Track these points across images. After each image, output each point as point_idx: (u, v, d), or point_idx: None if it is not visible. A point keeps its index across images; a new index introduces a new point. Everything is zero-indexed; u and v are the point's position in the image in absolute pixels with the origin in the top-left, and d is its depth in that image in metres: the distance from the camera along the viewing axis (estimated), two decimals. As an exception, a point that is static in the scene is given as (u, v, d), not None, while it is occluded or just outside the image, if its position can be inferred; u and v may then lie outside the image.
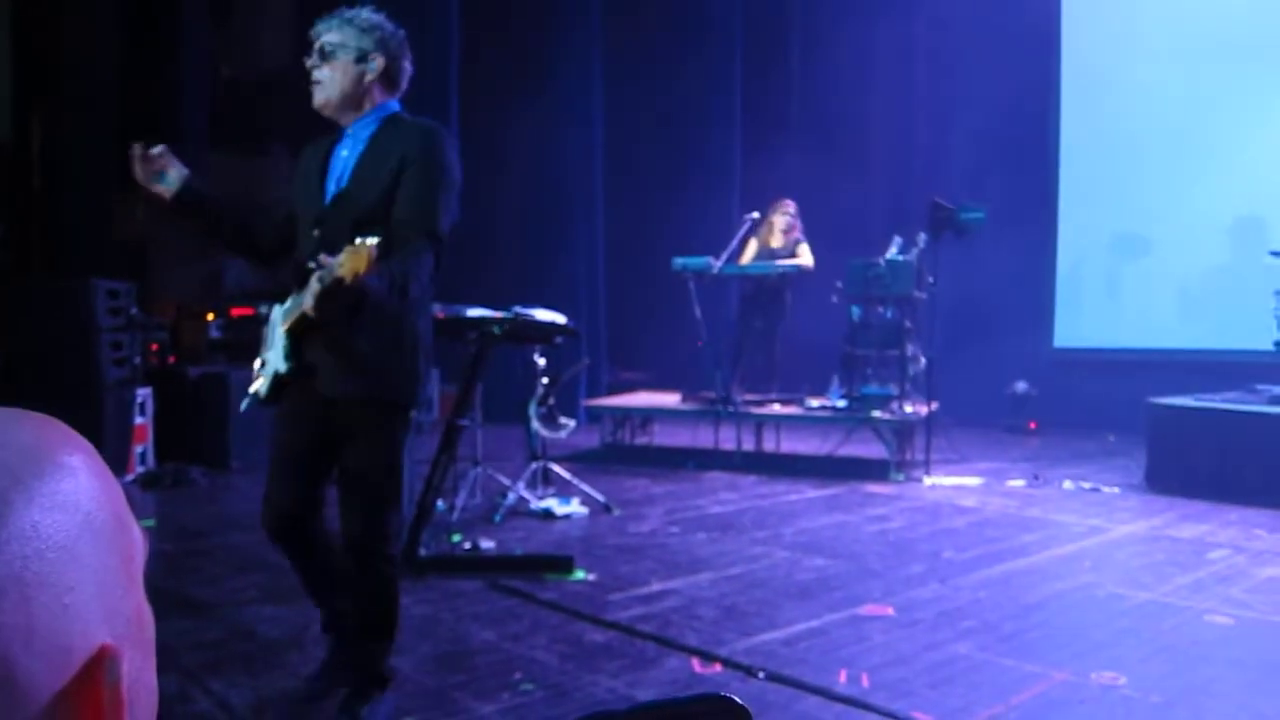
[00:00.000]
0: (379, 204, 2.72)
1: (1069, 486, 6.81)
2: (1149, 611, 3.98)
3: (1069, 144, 10.50)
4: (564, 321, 5.19)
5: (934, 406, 7.53)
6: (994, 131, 10.07)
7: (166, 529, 5.35)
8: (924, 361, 7.71)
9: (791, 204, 8.31)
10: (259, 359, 2.94)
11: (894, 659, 3.40)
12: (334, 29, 2.78)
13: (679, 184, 10.75)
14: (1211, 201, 9.45)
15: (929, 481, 6.98)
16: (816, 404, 7.82)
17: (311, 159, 2.92)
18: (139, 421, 6.77)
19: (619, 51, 10.61)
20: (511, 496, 5.85)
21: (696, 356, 7.99)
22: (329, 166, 2.86)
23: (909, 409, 7.46)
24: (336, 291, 2.48)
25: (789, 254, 8.13)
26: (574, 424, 6.54)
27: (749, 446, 7.86)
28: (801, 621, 3.82)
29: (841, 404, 7.70)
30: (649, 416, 8.65)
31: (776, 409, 7.89)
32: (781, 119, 11.35)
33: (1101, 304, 10.24)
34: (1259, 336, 9.14)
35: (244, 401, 2.99)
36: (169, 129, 7.54)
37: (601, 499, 6.01)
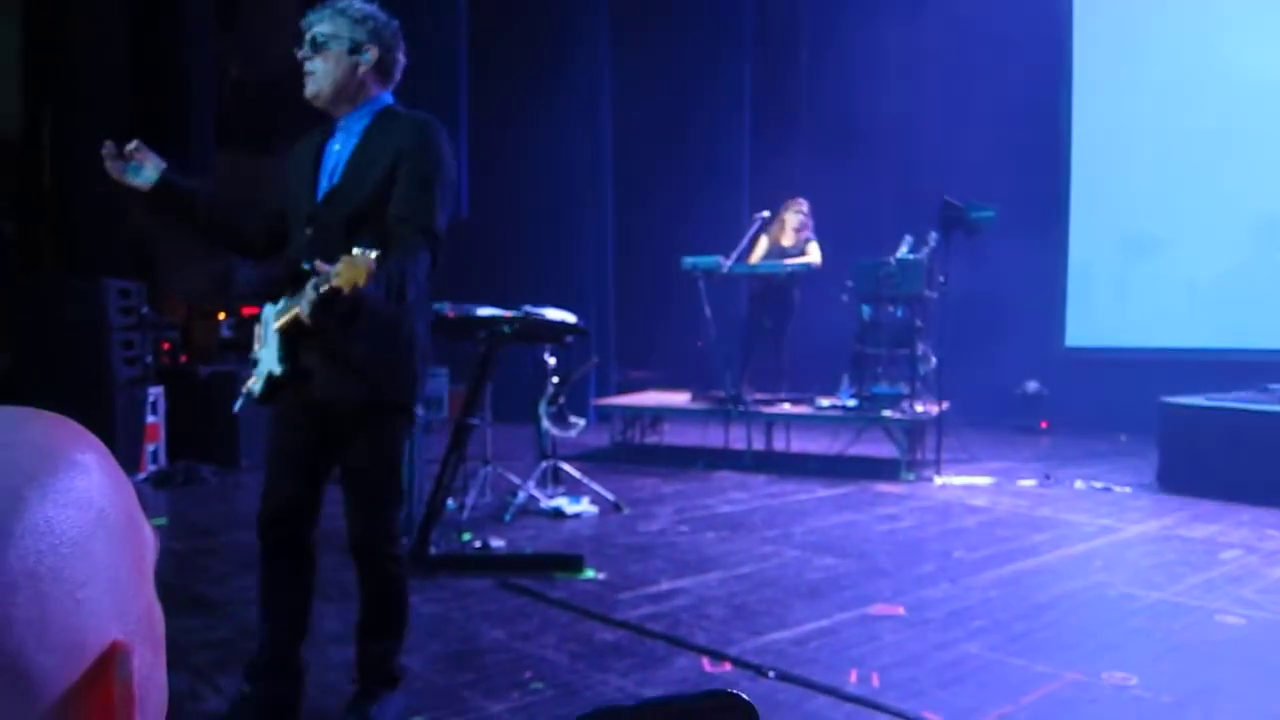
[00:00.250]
0: (373, 200, 2.66)
1: (1080, 486, 6.79)
2: (1160, 611, 3.96)
3: (1081, 142, 10.46)
4: (574, 321, 5.20)
5: (944, 406, 7.51)
6: (1005, 130, 10.03)
7: (177, 527, 5.37)
8: (934, 361, 7.69)
9: (805, 203, 8.31)
10: (252, 356, 2.89)
11: (904, 658, 3.39)
12: (326, 19, 2.71)
13: (688, 183, 10.74)
14: (1224, 200, 9.41)
15: (939, 481, 6.97)
16: (827, 403, 7.80)
17: (303, 153, 2.85)
18: (150, 420, 6.80)
19: (629, 50, 10.61)
20: (521, 495, 5.85)
21: (706, 355, 7.99)
22: (321, 161, 2.79)
23: (919, 408, 7.45)
24: (333, 301, 2.43)
25: (799, 252, 8.13)
26: (584, 423, 6.56)
27: (759, 446, 7.85)
28: (811, 621, 3.82)
29: (852, 403, 7.69)
30: (659, 416, 8.65)
31: (786, 408, 7.88)
32: (791, 118, 11.34)
33: (1113, 303, 10.20)
34: (1272, 335, 9.13)
35: (238, 401, 2.94)
36: (177, 128, 7.57)
37: (611, 498, 6.01)
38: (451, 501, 5.19)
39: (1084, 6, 10.51)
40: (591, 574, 4.48)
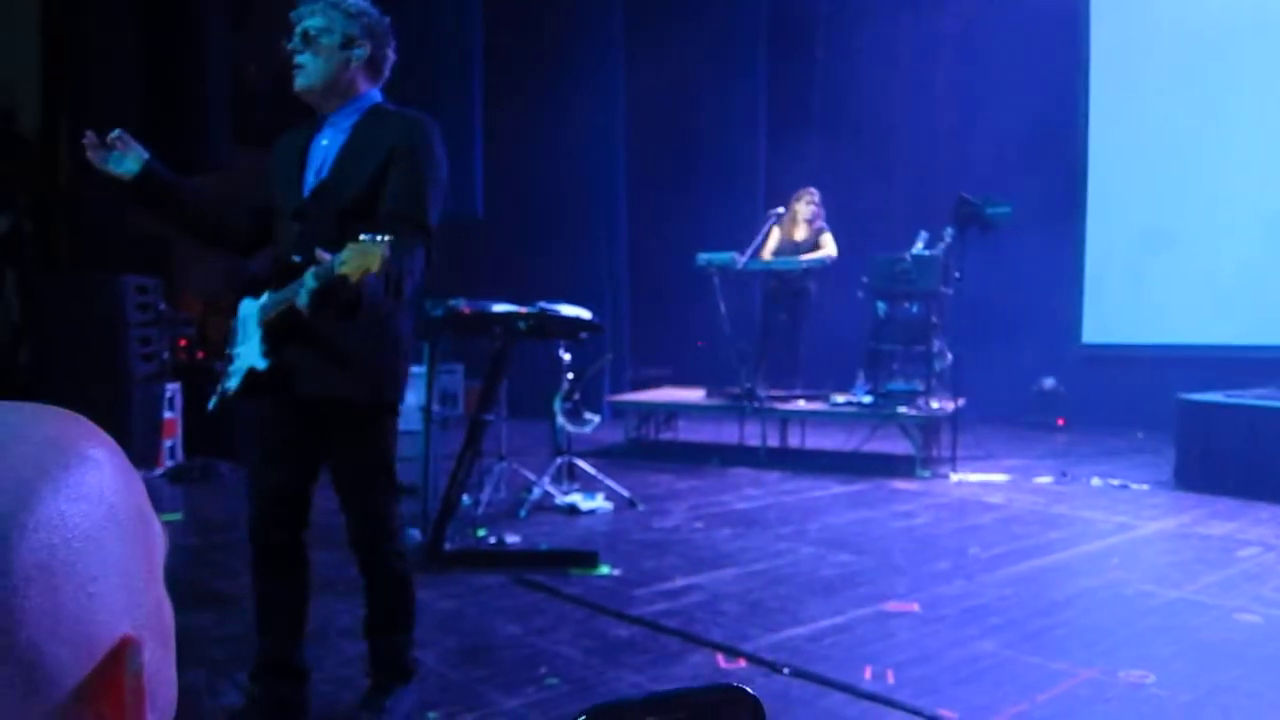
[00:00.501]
0: (363, 196, 2.61)
1: (1097, 483, 6.76)
2: (1178, 609, 3.94)
3: (1097, 137, 10.40)
4: (589, 317, 5.19)
5: (960, 402, 7.49)
6: (1022, 125, 9.99)
7: (193, 522, 5.40)
8: (950, 357, 7.67)
9: (815, 192, 8.25)
10: (228, 354, 2.80)
11: (919, 656, 3.38)
12: (319, 12, 2.66)
13: (703, 179, 10.73)
14: (1242, 195, 9.34)
15: (955, 478, 6.95)
16: (842, 400, 7.79)
17: (289, 148, 2.79)
18: (167, 416, 6.83)
19: (643, 47, 10.60)
20: (536, 491, 5.86)
21: (721, 352, 7.97)
22: (308, 156, 2.73)
23: (935, 405, 7.42)
24: (336, 291, 2.34)
25: (812, 245, 8.10)
26: (598, 419, 6.55)
27: (774, 442, 7.85)
28: (826, 618, 3.81)
29: (867, 400, 7.67)
30: (673, 412, 8.65)
31: (801, 405, 7.87)
32: (806, 114, 11.31)
33: (1130, 299, 10.13)
34: (1290, 332, 9.06)
35: (211, 400, 2.84)
36: (194, 127, 7.59)
37: (626, 494, 6.01)
38: (467, 497, 5.20)
39: (1101, 0, 10.44)
40: (606, 570, 4.48)
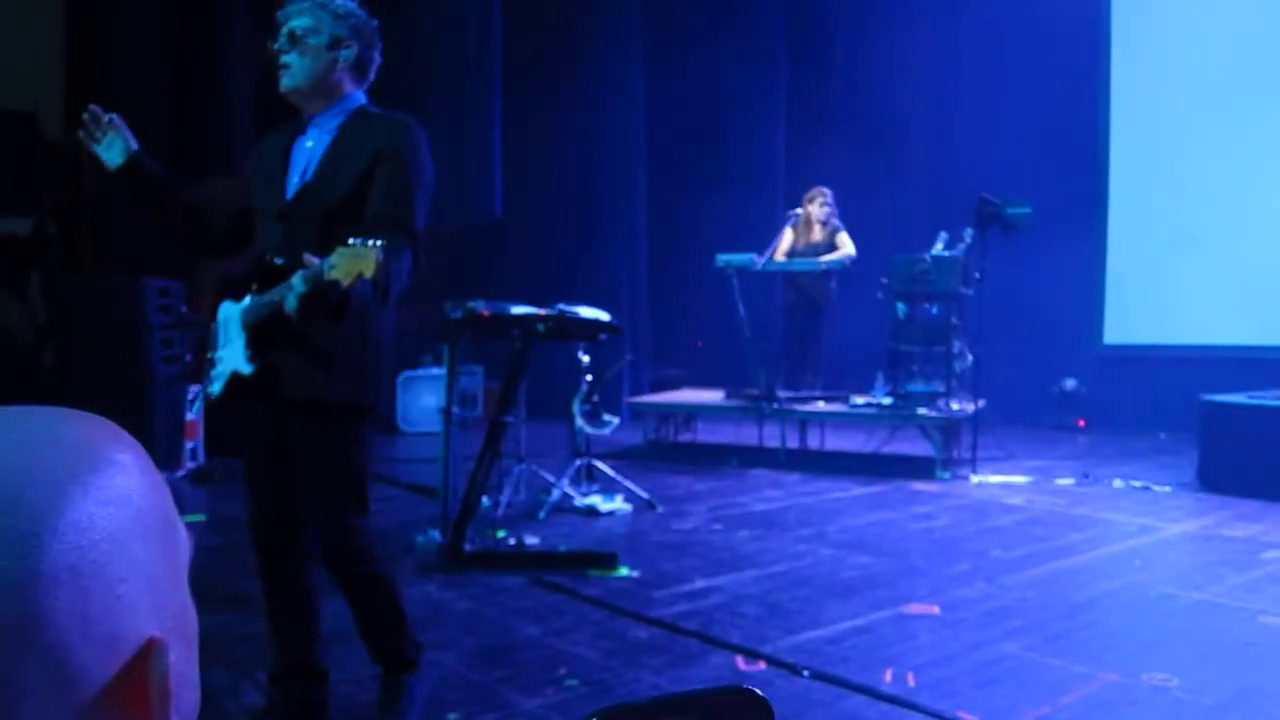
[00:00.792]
0: (348, 198, 2.58)
1: (1119, 485, 6.71)
2: (1201, 612, 3.91)
3: (1119, 136, 10.33)
4: (608, 319, 5.20)
5: (980, 404, 7.45)
6: (1042, 125, 9.93)
7: (215, 523, 5.43)
8: (970, 358, 7.63)
9: (828, 192, 8.23)
10: (209, 357, 2.77)
11: (940, 658, 3.37)
12: (306, 12, 2.63)
13: (722, 180, 10.72)
14: (1264, 194, 9.26)
15: (975, 479, 6.92)
16: (861, 401, 7.76)
17: (272, 149, 2.76)
18: (189, 418, 6.87)
19: (662, 48, 10.61)
20: (555, 493, 5.87)
21: (741, 353, 7.96)
22: (291, 158, 2.70)
23: (955, 406, 7.39)
24: (325, 295, 2.32)
25: (829, 245, 8.09)
26: (617, 421, 6.56)
27: (793, 444, 7.83)
28: (846, 620, 3.80)
29: (887, 401, 7.64)
30: (692, 413, 8.65)
31: (821, 406, 7.85)
32: (826, 115, 11.28)
33: (1152, 299, 10.06)
34: (1315, 332, 8.98)
35: (195, 403, 2.88)
36: (216, 127, 7.65)
37: (645, 496, 6.01)
38: (486, 499, 5.21)
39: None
40: (625, 571, 4.48)
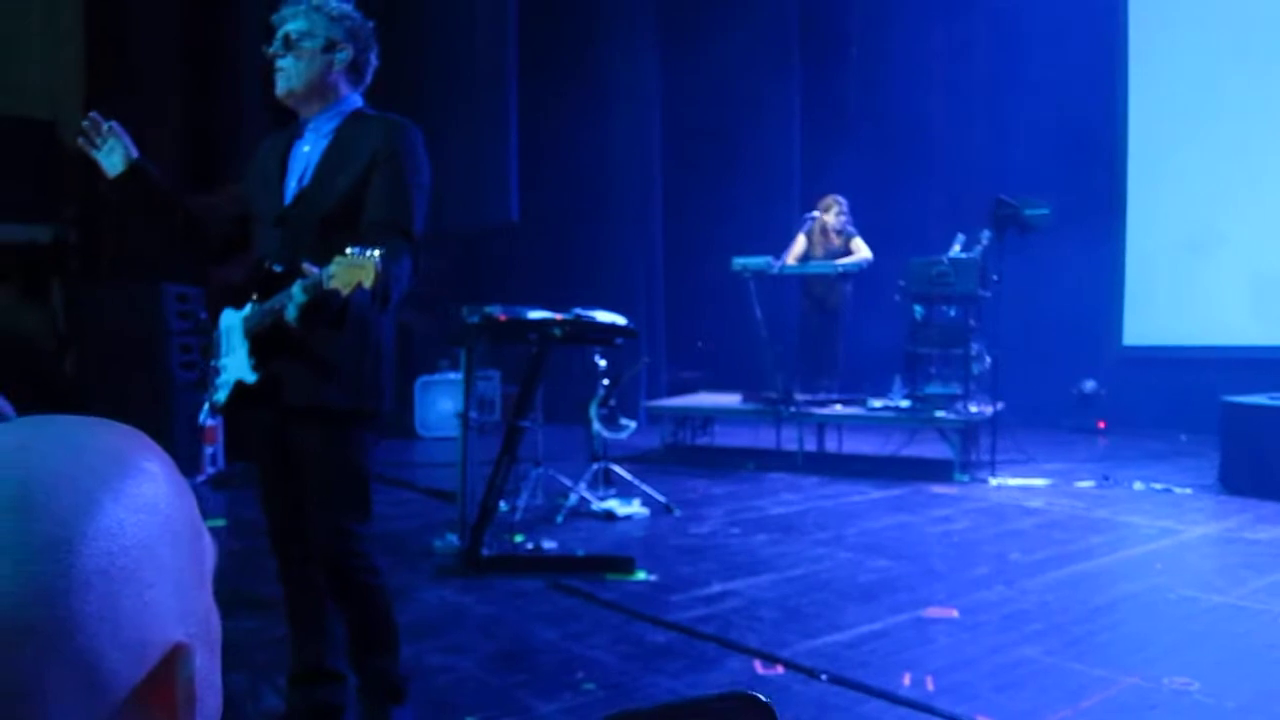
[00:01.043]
0: (346, 203, 2.55)
1: (1139, 487, 6.67)
2: (1223, 615, 3.88)
3: (1137, 135, 10.27)
4: (624, 323, 5.20)
5: (999, 406, 7.42)
6: (1060, 125, 9.90)
7: (236, 528, 5.46)
8: (989, 360, 7.60)
9: (843, 200, 8.22)
10: (212, 366, 2.77)
11: (959, 662, 3.35)
12: (301, 15, 2.61)
13: (738, 183, 10.71)
14: (1287, 194, 9.20)
15: (994, 482, 6.89)
16: (879, 404, 7.74)
17: (269, 154, 2.74)
18: (209, 423, 6.91)
19: (677, 50, 10.61)
20: (573, 497, 5.88)
21: (758, 356, 7.95)
22: (289, 163, 2.69)
23: (973, 409, 7.36)
24: (325, 304, 2.31)
25: (843, 251, 8.09)
26: (634, 425, 6.56)
27: (810, 447, 7.82)
28: (864, 623, 3.79)
29: (904, 404, 7.62)
30: (709, 417, 8.64)
31: (838, 409, 7.83)
32: (841, 117, 11.26)
33: (1172, 300, 9.99)
34: (1337, 333, 8.90)
35: (201, 412, 2.82)
36: (235, 135, 7.70)
37: (662, 499, 6.01)
38: (504, 503, 5.22)
39: (1140, -2, 10.33)
40: (643, 575, 4.49)
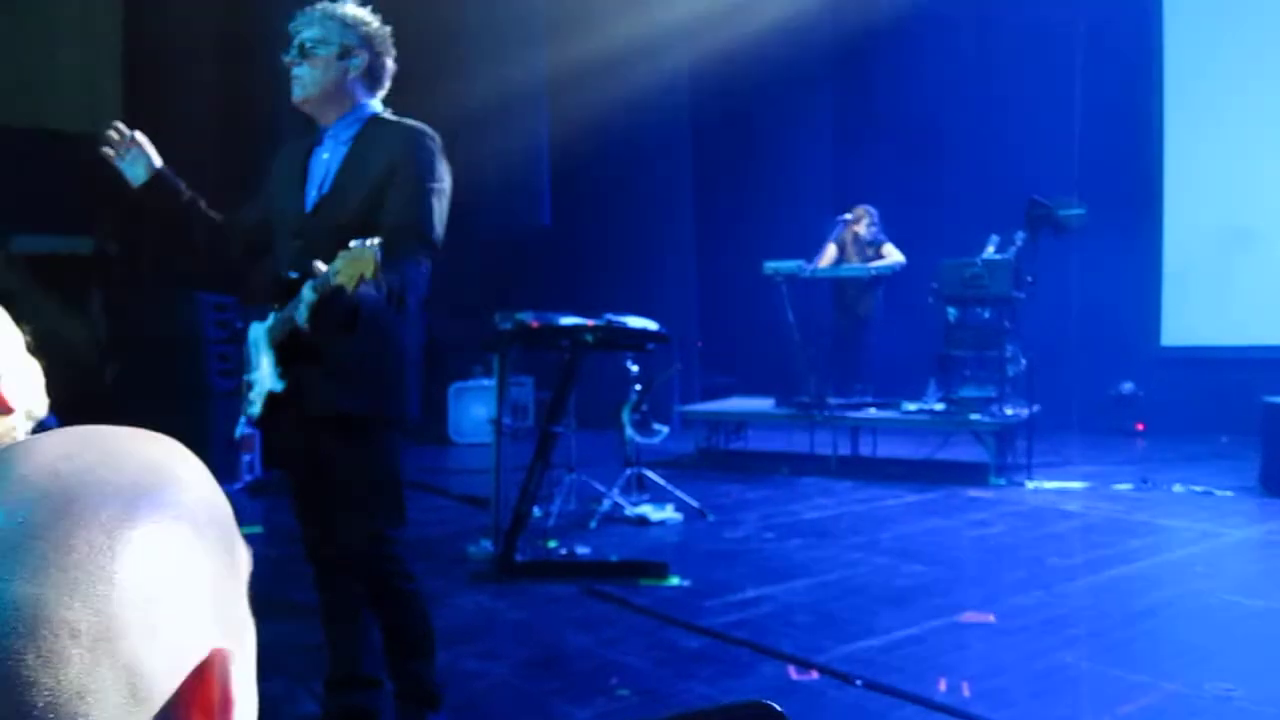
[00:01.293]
0: (365, 210, 2.55)
1: (1179, 490, 6.59)
2: (1265, 620, 3.83)
3: (1173, 133, 10.15)
4: (656, 328, 5.21)
5: (1035, 408, 7.36)
6: (1094, 124, 9.79)
7: (272, 535, 5.50)
8: (1024, 362, 7.54)
9: (874, 211, 8.24)
10: (245, 381, 2.79)
11: (995, 668, 3.33)
12: (315, 23, 2.60)
13: (770, 186, 10.69)
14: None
15: (1031, 485, 6.82)
16: (913, 407, 7.70)
17: (288, 162, 2.75)
18: (246, 431, 6.98)
19: (708, 54, 10.60)
20: (606, 502, 5.89)
21: (790, 360, 7.93)
22: (309, 171, 2.69)
23: (1009, 411, 7.30)
24: (333, 301, 2.31)
25: (875, 256, 8.07)
26: (667, 429, 6.57)
27: (844, 451, 7.78)
28: (900, 629, 3.77)
29: (939, 407, 7.57)
30: (743, 421, 8.63)
31: (872, 413, 7.79)
32: (873, 119, 11.20)
33: (1211, 300, 9.86)
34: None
35: (237, 427, 2.85)
36: (271, 148, 7.78)
37: (696, 504, 6.00)
38: (537, 509, 5.23)
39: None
40: (676, 581, 4.48)
